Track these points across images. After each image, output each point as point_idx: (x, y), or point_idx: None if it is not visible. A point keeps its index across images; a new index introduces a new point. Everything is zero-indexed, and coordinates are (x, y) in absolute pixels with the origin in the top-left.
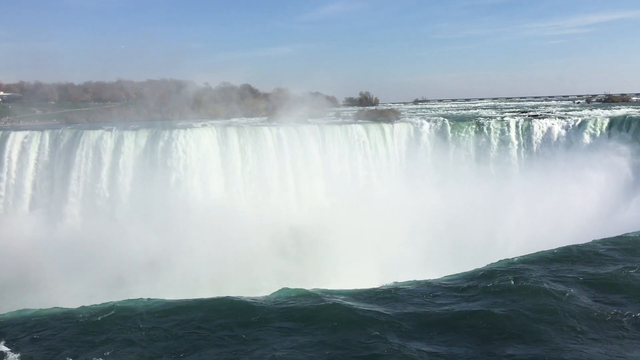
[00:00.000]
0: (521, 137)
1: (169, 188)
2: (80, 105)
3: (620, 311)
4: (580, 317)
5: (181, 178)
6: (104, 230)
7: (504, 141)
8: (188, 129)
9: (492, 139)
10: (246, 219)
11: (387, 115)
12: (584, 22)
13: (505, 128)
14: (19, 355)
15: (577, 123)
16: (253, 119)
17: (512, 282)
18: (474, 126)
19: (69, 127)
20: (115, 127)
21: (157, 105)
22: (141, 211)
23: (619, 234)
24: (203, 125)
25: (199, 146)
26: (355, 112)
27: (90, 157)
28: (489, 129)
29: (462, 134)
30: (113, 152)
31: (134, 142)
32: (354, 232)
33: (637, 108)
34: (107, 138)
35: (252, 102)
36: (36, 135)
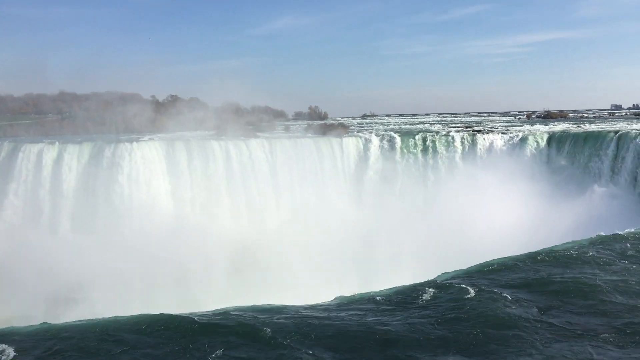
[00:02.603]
0: (466, 151)
1: (114, 203)
2: (20, 118)
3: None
4: (534, 326)
5: (126, 193)
6: (44, 247)
7: (450, 155)
8: (134, 143)
9: (438, 153)
10: (193, 234)
11: (336, 130)
12: (522, 42)
13: (451, 142)
14: None
15: (518, 138)
16: (201, 133)
17: (459, 294)
18: (420, 141)
19: (8, 140)
20: (57, 141)
21: (102, 118)
22: (83, 227)
23: (548, 245)
24: (150, 139)
25: (145, 160)
26: (304, 126)
27: (30, 171)
28: (435, 143)
29: (410, 149)
30: (54, 166)
31: (76, 156)
32: (302, 248)
33: (574, 124)
34: (48, 151)
35: (201, 116)
36: None
